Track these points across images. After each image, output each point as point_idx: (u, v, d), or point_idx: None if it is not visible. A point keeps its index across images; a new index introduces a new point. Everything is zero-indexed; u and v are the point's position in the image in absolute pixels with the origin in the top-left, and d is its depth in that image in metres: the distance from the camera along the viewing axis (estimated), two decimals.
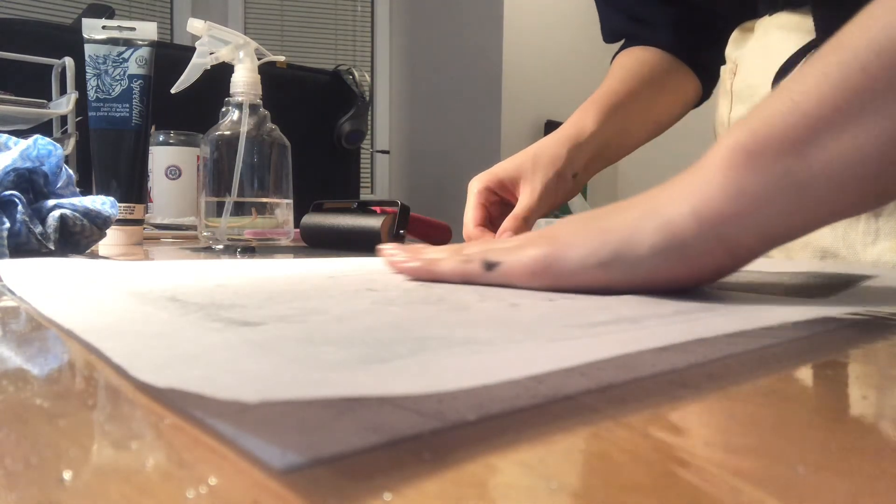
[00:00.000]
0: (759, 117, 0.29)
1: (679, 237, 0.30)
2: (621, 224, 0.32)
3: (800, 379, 0.20)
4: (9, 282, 0.35)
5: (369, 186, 3.04)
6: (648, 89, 0.67)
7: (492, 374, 0.16)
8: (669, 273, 0.31)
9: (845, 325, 0.28)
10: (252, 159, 0.70)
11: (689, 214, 0.30)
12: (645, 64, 0.68)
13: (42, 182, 0.55)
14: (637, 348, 0.21)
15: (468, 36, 2.79)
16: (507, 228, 0.58)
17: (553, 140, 0.63)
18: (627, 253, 0.31)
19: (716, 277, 0.32)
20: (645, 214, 0.31)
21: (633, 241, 0.31)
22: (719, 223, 0.29)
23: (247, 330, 0.22)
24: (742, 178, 0.29)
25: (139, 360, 0.18)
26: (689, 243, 0.30)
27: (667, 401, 0.17)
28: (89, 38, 0.79)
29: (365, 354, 0.19)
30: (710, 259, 0.30)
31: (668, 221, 0.30)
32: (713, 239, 0.30)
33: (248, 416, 0.14)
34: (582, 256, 0.32)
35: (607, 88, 0.66)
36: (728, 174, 0.29)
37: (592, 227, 0.33)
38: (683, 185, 0.31)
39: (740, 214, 0.29)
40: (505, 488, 0.11)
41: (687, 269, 0.31)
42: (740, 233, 0.29)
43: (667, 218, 0.30)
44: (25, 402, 0.16)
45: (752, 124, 0.29)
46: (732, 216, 0.29)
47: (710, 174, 0.30)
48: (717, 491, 0.11)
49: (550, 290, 0.33)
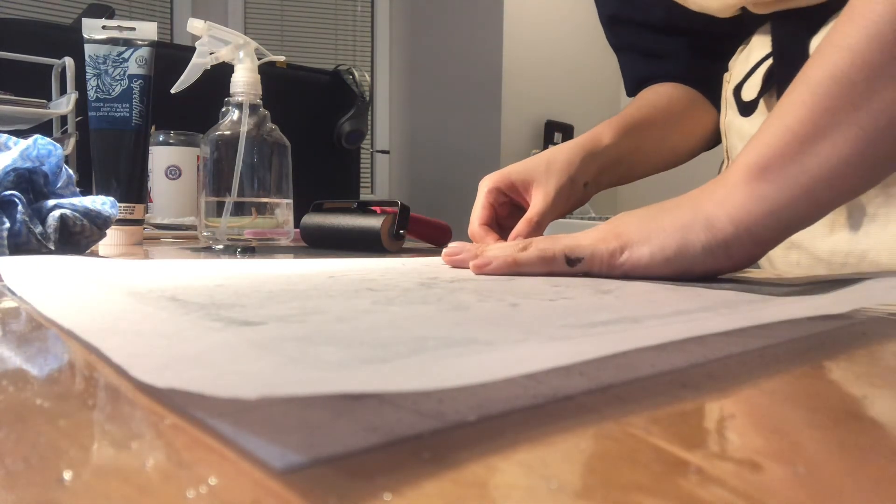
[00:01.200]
0: (762, 140, 0.39)
1: (721, 238, 0.38)
2: (675, 224, 0.40)
3: (800, 379, 0.20)
4: (8, 280, 0.35)
5: (369, 186, 3.03)
6: (665, 116, 0.68)
7: (491, 373, 0.16)
8: (717, 265, 0.39)
9: (845, 323, 0.28)
10: (252, 159, 0.70)
11: (725, 218, 0.38)
12: (663, 95, 0.70)
13: (42, 182, 0.55)
14: (637, 346, 0.21)
15: (468, 36, 2.79)
16: (521, 232, 0.58)
17: (567, 147, 0.63)
18: (686, 250, 0.39)
19: (750, 263, 0.40)
20: (693, 217, 0.39)
21: (688, 241, 0.39)
22: (750, 224, 0.38)
23: (247, 330, 0.22)
24: (760, 188, 0.38)
25: (140, 360, 0.18)
26: (729, 242, 0.38)
27: (667, 401, 0.17)
28: (89, 38, 0.79)
29: (365, 354, 0.19)
30: (744, 251, 0.39)
31: (711, 225, 0.39)
32: (745, 236, 0.38)
33: (248, 416, 0.14)
34: (652, 252, 0.40)
35: (625, 113, 0.68)
36: (749, 186, 0.38)
37: (652, 226, 0.40)
38: (714, 194, 0.40)
39: (764, 215, 0.38)
40: (505, 488, 0.11)
41: (729, 262, 0.40)
42: (765, 229, 0.38)
43: (710, 221, 0.39)
44: (25, 402, 0.16)
45: (757, 146, 0.39)
46: (759, 217, 0.38)
47: (733, 186, 0.39)
48: (716, 491, 0.11)
49: (624, 279, 0.40)
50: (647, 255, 0.40)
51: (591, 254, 0.41)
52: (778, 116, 0.39)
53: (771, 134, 0.38)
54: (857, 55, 0.36)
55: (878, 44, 0.36)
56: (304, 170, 0.97)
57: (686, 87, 0.70)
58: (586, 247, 0.41)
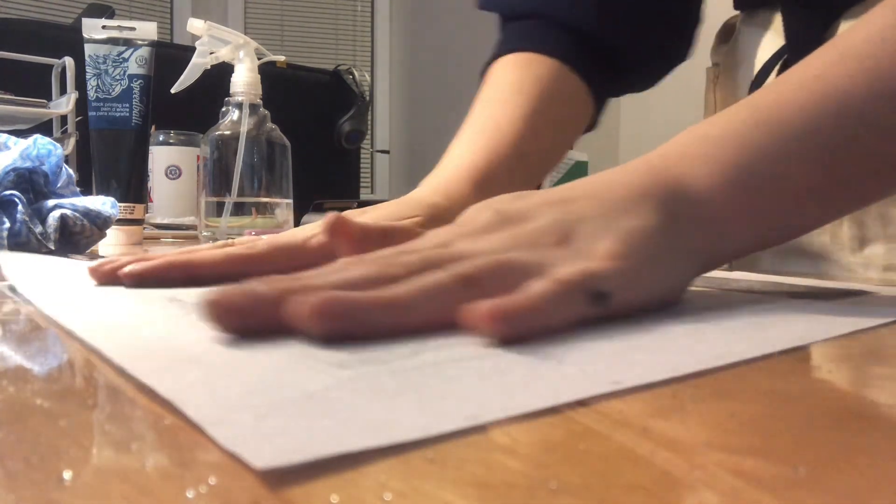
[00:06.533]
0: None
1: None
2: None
3: (800, 379, 0.20)
4: (9, 276, 0.35)
5: (369, 186, 3.03)
6: (553, 133, 0.53)
7: (539, 399, 0.16)
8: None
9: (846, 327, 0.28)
10: (252, 159, 0.70)
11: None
12: (545, 89, 0.52)
13: (42, 182, 0.55)
14: (636, 345, 0.21)
15: (468, 36, 2.79)
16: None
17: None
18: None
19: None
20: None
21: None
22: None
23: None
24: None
25: (140, 362, 0.18)
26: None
27: (667, 401, 0.17)
28: (89, 37, 0.79)
29: (365, 355, 0.19)
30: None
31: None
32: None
33: (247, 415, 0.14)
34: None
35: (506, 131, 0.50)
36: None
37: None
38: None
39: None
40: (505, 488, 0.11)
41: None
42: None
43: None
44: (25, 401, 0.16)
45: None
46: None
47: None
48: (717, 491, 0.11)
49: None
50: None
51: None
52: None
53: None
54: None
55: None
56: (304, 170, 0.97)
57: (562, 66, 0.53)
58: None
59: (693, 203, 0.29)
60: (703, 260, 0.30)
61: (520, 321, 0.21)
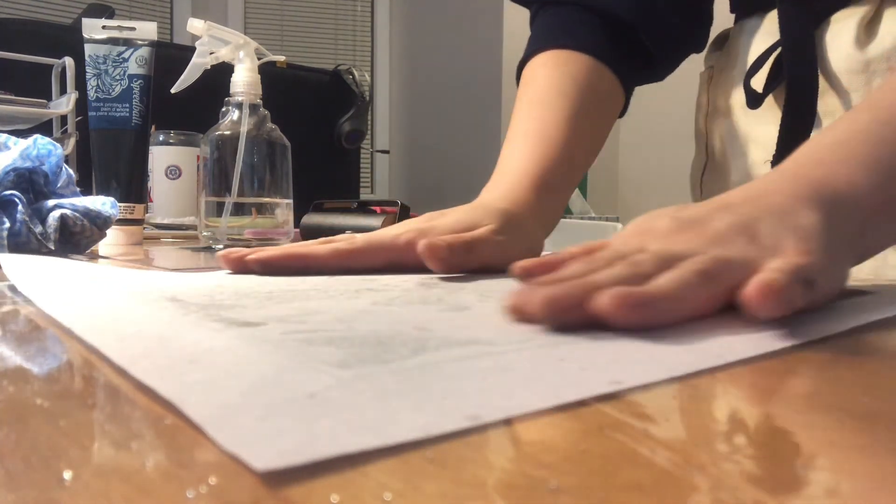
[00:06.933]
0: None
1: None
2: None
3: (800, 378, 0.20)
4: (10, 275, 0.35)
5: (369, 186, 3.03)
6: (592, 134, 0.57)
7: (533, 400, 0.16)
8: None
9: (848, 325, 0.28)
10: (252, 159, 0.70)
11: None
12: (585, 90, 0.55)
13: (42, 182, 0.55)
14: (636, 345, 0.21)
15: (468, 36, 2.79)
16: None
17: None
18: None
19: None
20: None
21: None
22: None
23: (247, 330, 0.22)
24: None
25: (141, 362, 0.18)
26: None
27: (667, 401, 0.17)
28: (89, 37, 0.79)
29: (365, 355, 0.19)
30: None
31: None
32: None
33: (248, 416, 0.14)
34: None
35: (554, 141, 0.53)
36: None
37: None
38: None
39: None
40: (505, 488, 0.11)
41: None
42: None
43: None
44: (25, 401, 0.16)
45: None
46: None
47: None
48: (717, 491, 0.11)
49: None
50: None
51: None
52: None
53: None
54: None
55: None
56: (304, 170, 0.97)
57: (597, 63, 0.55)
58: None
59: (842, 201, 0.31)
60: (858, 253, 0.32)
61: (787, 305, 0.24)
